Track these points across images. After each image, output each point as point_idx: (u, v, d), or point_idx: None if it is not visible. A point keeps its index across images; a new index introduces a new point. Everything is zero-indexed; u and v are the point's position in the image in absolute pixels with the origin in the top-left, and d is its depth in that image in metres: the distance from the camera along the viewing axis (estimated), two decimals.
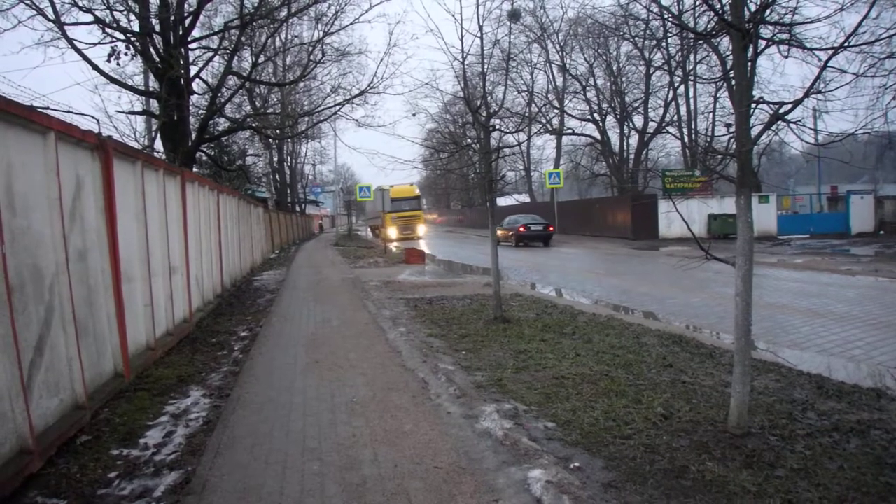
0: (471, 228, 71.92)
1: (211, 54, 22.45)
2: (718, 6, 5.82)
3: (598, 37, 49.71)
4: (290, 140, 53.81)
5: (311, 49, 25.52)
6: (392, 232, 48.65)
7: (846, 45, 5.25)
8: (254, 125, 28.40)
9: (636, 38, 45.51)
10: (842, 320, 11.68)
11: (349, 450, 5.64)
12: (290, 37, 31.45)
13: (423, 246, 41.18)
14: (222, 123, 27.13)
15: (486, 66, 12.13)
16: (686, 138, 51.47)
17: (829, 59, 5.28)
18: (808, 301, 14.00)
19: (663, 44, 46.08)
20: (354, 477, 5.03)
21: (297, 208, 68.60)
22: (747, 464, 4.94)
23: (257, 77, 26.16)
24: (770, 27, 6.12)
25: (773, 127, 5.70)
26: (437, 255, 34.26)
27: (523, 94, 56.68)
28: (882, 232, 39.70)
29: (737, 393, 5.48)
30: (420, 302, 14.64)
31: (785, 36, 6.61)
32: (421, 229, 54.79)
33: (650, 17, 35.38)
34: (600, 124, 55.10)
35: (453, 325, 11.43)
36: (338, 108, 27.76)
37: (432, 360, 8.79)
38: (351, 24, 24.86)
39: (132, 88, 20.10)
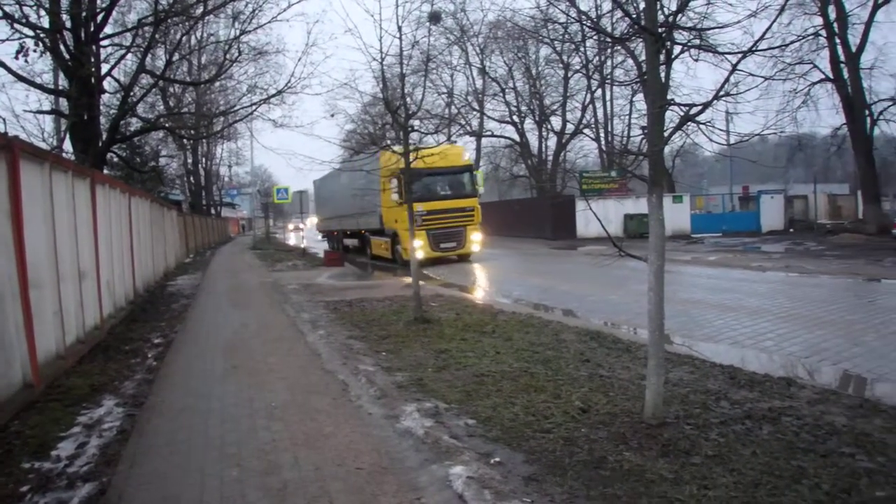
0: None
1: (123, 52, 21.76)
2: (633, 11, 5.94)
3: (517, 40, 50.18)
4: (205, 141, 52.62)
5: (227, 47, 25.02)
6: (418, 245, 21.44)
7: (754, 49, 5.41)
8: (167, 125, 27.76)
9: (555, 42, 46.11)
10: (754, 314, 12.06)
11: (269, 454, 5.56)
12: (205, 35, 30.91)
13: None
14: (135, 124, 26.34)
15: (405, 67, 12.09)
16: (602, 140, 52.43)
17: (738, 62, 5.43)
18: (721, 296, 14.41)
19: (581, 48, 46.90)
20: (275, 482, 4.97)
21: (213, 211, 67.35)
22: (664, 452, 5.07)
23: (171, 76, 25.49)
24: (683, 32, 6.26)
25: (686, 128, 5.86)
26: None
27: (443, 95, 56.81)
28: (792, 230, 41.24)
29: (651, 385, 5.61)
30: (340, 304, 14.54)
31: (697, 41, 6.81)
32: (476, 239, 26.70)
33: (569, 22, 35.97)
34: (519, 126, 55.65)
35: (373, 327, 11.39)
36: (254, 107, 27.32)
37: (353, 362, 8.76)
38: (269, 22, 24.37)
39: (41, 87, 19.35)
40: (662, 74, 5.75)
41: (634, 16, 5.82)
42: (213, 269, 27.88)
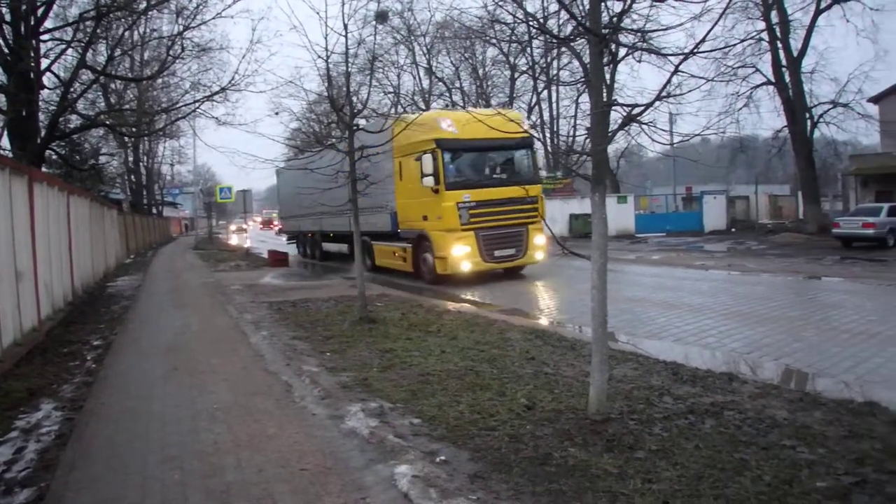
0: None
1: (64, 47, 21.28)
2: (579, 13, 5.98)
3: (464, 40, 50.30)
4: (146, 139, 51.80)
5: (170, 44, 24.63)
6: (458, 252, 17.49)
7: (696, 51, 5.49)
8: (108, 122, 27.16)
9: (502, 43, 46.36)
10: (696, 311, 12.30)
11: (212, 457, 5.49)
12: (148, 30, 30.27)
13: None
14: (75, 121, 25.68)
15: (350, 66, 12.05)
16: (548, 141, 52.78)
17: (680, 64, 5.50)
18: (664, 294, 14.65)
19: (528, 49, 47.26)
20: (218, 484, 4.90)
21: (155, 211, 66.27)
22: (608, 448, 5.14)
23: (113, 72, 24.91)
24: (627, 34, 6.34)
25: (629, 129, 5.93)
26: None
27: (389, 94, 56.66)
28: (734, 229, 42.15)
29: (595, 381, 5.68)
30: (284, 305, 14.41)
31: (640, 43, 6.90)
32: (539, 243, 18.86)
33: (515, 23, 36.18)
34: None
35: (318, 327, 11.33)
36: (197, 105, 26.92)
37: (296, 363, 8.71)
38: (213, 18, 24.04)
39: None
40: (608, 76, 5.81)
41: (580, 17, 5.87)
42: (154, 270, 27.40)
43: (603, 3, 5.50)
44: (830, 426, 5.56)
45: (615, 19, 5.62)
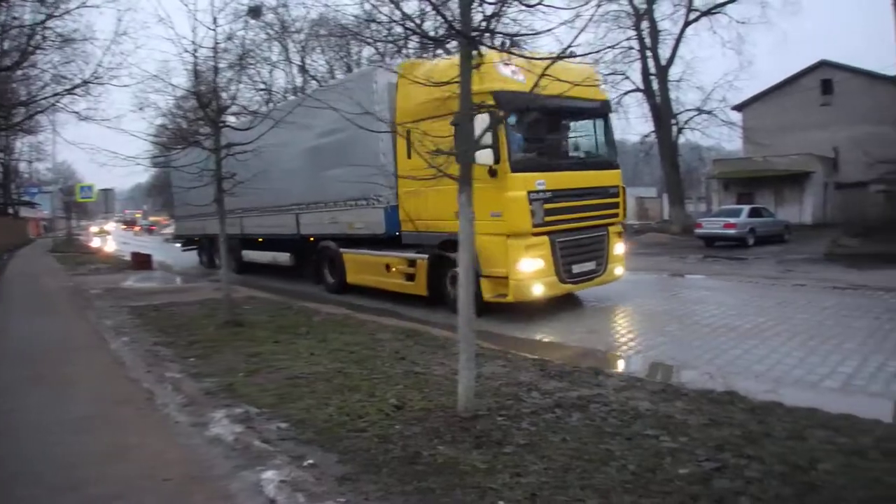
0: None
1: None
2: (451, 15, 6.01)
3: (340, 38, 49.92)
4: (2, 134, 49.08)
5: (31, 33, 23.45)
6: (529, 268, 11.21)
7: (562, 56, 5.59)
8: None
9: (378, 43, 46.27)
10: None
11: (72, 470, 5.23)
12: (8, 18, 28.75)
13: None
14: None
15: (220, 61, 11.69)
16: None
17: (547, 68, 5.60)
18: None
19: (403, 49, 47.29)
20: (79, 499, 4.70)
21: (11, 210, 62.89)
22: (477, 444, 5.20)
23: None
24: (500, 37, 6.38)
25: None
26: None
27: (262, 92, 55.67)
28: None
29: (463, 379, 5.74)
30: (146, 309, 13.84)
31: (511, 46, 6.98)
32: (619, 253, 13.30)
33: (392, 23, 36.09)
34: None
35: (182, 332, 10.96)
36: (58, 98, 25.72)
37: (159, 370, 8.45)
38: (77, 7, 23.08)
39: None
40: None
41: (450, 19, 5.89)
42: (9, 273, 25.92)
43: (474, 6, 5.54)
44: (692, 415, 5.81)
45: (485, 23, 5.67)
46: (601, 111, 13.14)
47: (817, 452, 4.88)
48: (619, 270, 13.29)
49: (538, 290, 11.30)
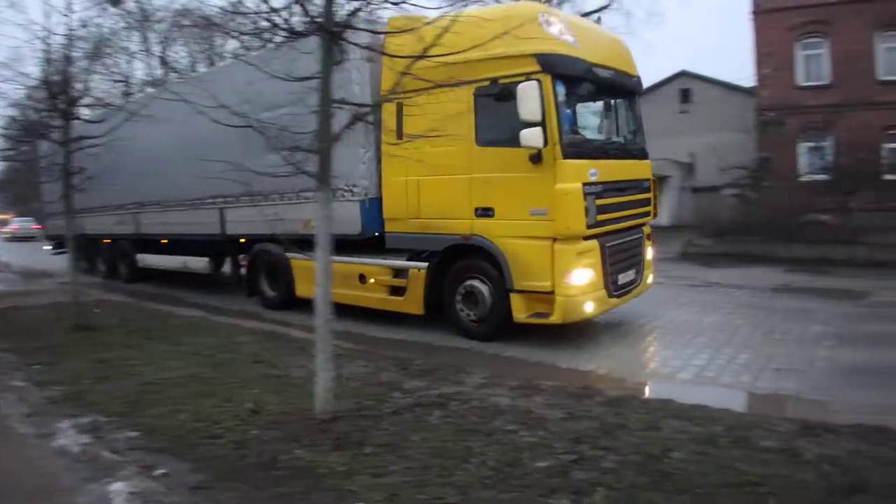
0: None
1: None
2: (315, 10, 5.93)
3: (204, 30, 48.54)
4: None
5: None
6: (580, 280, 8.58)
7: (424, 56, 5.59)
8: None
9: (243, 36, 45.18)
10: None
11: None
12: None
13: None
14: None
15: (74, 49, 11.17)
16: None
17: (409, 66, 5.60)
18: None
19: (268, 42, 46.26)
20: None
21: None
22: (336, 446, 5.17)
23: None
24: (361, 33, 6.31)
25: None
26: None
27: (120, 83, 53.54)
28: None
29: (321, 379, 5.69)
30: None
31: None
32: (650, 258, 10.94)
33: (258, 17, 35.33)
34: None
35: (27, 337, 10.37)
36: None
37: (1, 378, 8.04)
38: None
39: None
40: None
41: (313, 14, 5.81)
42: None
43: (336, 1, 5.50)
44: (551, 409, 5.97)
45: (347, 17, 5.63)
46: (638, 89, 11.16)
47: (671, 442, 5.09)
48: (650, 278, 11.01)
49: (589, 308, 8.83)
